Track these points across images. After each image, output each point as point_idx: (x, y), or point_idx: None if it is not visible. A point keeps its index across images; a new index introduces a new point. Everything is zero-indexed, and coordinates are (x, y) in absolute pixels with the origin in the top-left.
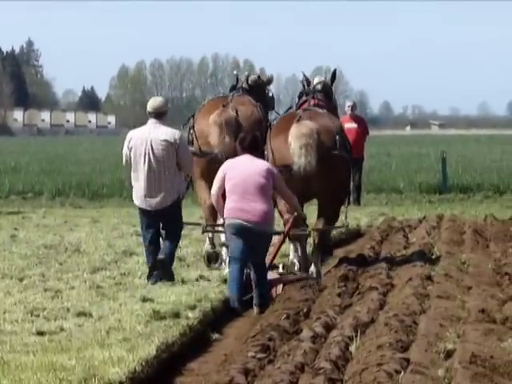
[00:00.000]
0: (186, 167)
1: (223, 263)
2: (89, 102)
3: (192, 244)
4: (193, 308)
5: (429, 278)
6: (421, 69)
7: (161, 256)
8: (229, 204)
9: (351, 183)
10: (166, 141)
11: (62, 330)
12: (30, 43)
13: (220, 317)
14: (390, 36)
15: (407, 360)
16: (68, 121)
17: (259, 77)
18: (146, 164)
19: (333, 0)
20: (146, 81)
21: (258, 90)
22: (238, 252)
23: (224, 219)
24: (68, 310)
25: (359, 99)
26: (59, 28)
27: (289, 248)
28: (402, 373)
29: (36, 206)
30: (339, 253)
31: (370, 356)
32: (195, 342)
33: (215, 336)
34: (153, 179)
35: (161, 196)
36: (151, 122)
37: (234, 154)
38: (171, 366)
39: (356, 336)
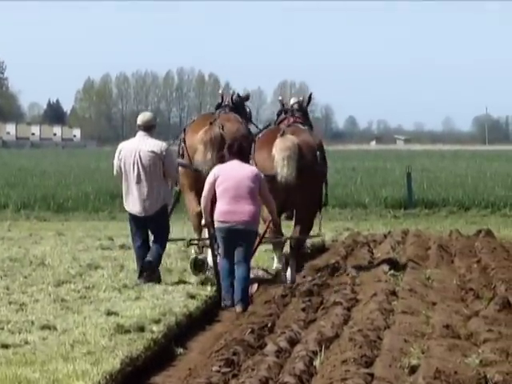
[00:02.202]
0: (171, 176)
1: (208, 270)
2: (54, 114)
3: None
4: (157, 322)
5: (393, 293)
6: (386, 84)
7: (149, 258)
8: (220, 207)
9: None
10: (153, 152)
11: (26, 342)
12: None
13: (184, 331)
14: (355, 51)
15: (371, 375)
16: (33, 134)
17: (239, 95)
18: (136, 173)
19: (299, 13)
20: (111, 94)
21: (239, 106)
22: (228, 252)
23: (212, 222)
24: (32, 323)
25: (324, 114)
26: (24, 41)
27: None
28: None
29: (1, 219)
30: (304, 267)
31: (334, 371)
32: (159, 355)
33: (179, 350)
34: (142, 187)
35: (149, 203)
36: (140, 134)
37: (222, 161)
38: (135, 379)
39: (320, 351)
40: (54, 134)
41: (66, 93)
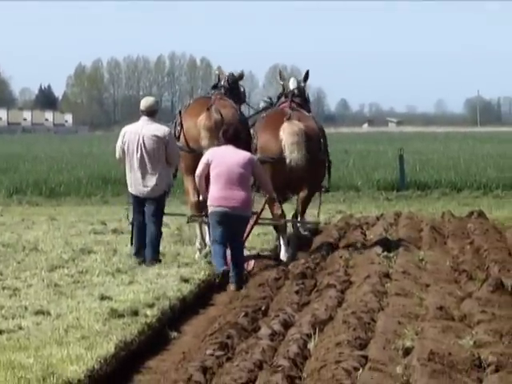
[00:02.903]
0: (173, 160)
1: (203, 249)
2: (46, 100)
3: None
4: (151, 306)
5: (387, 275)
6: (378, 66)
7: (148, 237)
8: (213, 193)
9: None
10: (156, 136)
11: (20, 328)
12: None
13: (178, 315)
14: (347, 34)
15: (365, 357)
16: (25, 119)
17: (233, 74)
18: (139, 156)
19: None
20: (102, 79)
21: (234, 86)
22: (220, 236)
23: (206, 202)
24: (26, 308)
25: (316, 97)
26: (16, 26)
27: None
28: (361, 370)
29: None
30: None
31: (328, 353)
32: (153, 340)
33: (173, 334)
34: (145, 170)
35: (152, 185)
36: (143, 119)
37: (218, 145)
38: (129, 364)
39: (314, 333)
40: (46, 120)
41: (57, 78)
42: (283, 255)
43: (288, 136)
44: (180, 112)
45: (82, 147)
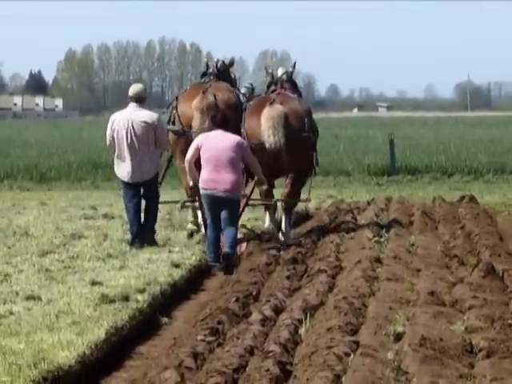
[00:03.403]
0: (162, 145)
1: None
2: (36, 85)
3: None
4: (142, 291)
5: (378, 260)
6: (368, 51)
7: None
8: (204, 175)
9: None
10: (145, 122)
11: (11, 313)
12: None
13: (169, 300)
14: (336, 19)
15: (357, 343)
16: (15, 104)
17: (223, 62)
18: (129, 142)
19: None
20: (92, 64)
21: (225, 73)
22: (213, 220)
23: (196, 185)
24: (17, 293)
25: (306, 82)
26: (5, 12)
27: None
28: (352, 355)
29: None
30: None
31: (319, 339)
32: (144, 325)
33: (164, 319)
34: (134, 155)
35: (142, 170)
36: (132, 105)
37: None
38: (121, 349)
39: (305, 319)
40: (37, 105)
41: (47, 63)
42: (268, 227)
43: (265, 121)
44: (177, 97)
45: (72, 132)
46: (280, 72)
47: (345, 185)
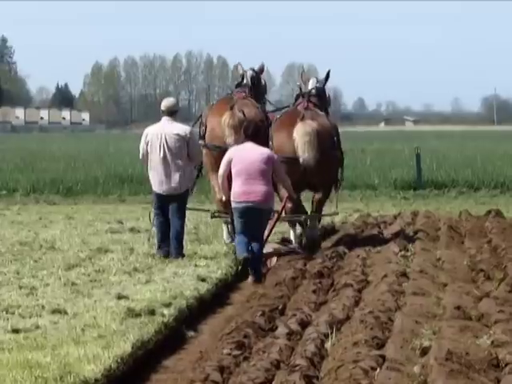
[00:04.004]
0: (195, 158)
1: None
2: (62, 98)
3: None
4: (168, 305)
5: (404, 274)
6: (395, 65)
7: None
8: (235, 188)
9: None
10: (178, 135)
11: (37, 327)
12: (3, 40)
13: (195, 314)
14: (363, 33)
15: (383, 357)
16: (42, 118)
17: (254, 70)
18: (162, 155)
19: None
20: (119, 77)
21: (258, 82)
22: (243, 228)
23: (228, 200)
24: (43, 307)
25: (333, 95)
26: (33, 25)
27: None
28: (378, 369)
29: (10, 203)
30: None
31: (345, 353)
32: (170, 339)
33: (190, 333)
34: (167, 168)
35: (174, 182)
36: (165, 119)
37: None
38: (146, 363)
39: (331, 333)
40: (63, 118)
41: (74, 77)
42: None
43: (301, 136)
44: (204, 113)
45: (98, 146)
46: (311, 84)
47: (371, 199)
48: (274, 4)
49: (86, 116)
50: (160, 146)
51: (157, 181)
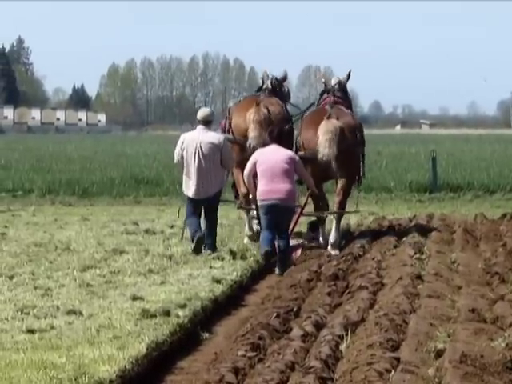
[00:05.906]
0: (228, 164)
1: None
2: (79, 100)
3: (181, 243)
4: (183, 306)
5: (419, 277)
6: (411, 68)
7: (202, 235)
8: (260, 187)
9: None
10: (212, 143)
11: (52, 328)
12: (20, 41)
13: (210, 315)
14: (380, 35)
15: (397, 359)
16: (58, 119)
17: (277, 78)
18: (197, 161)
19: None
20: (136, 79)
21: (278, 88)
22: (268, 225)
23: (255, 197)
24: (58, 308)
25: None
26: (50, 26)
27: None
28: (393, 372)
29: (26, 204)
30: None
31: (360, 355)
32: (185, 340)
33: (205, 335)
34: (201, 174)
35: (207, 187)
36: (200, 127)
37: (264, 144)
38: (161, 364)
39: (346, 335)
40: (79, 119)
41: (90, 78)
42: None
43: (323, 134)
44: (229, 110)
45: (114, 147)
46: (333, 81)
47: (387, 201)
48: (291, 6)
49: (102, 117)
50: (195, 153)
51: (191, 186)
